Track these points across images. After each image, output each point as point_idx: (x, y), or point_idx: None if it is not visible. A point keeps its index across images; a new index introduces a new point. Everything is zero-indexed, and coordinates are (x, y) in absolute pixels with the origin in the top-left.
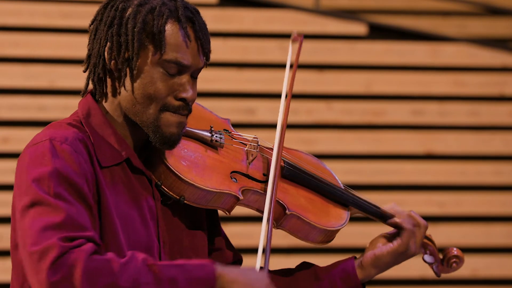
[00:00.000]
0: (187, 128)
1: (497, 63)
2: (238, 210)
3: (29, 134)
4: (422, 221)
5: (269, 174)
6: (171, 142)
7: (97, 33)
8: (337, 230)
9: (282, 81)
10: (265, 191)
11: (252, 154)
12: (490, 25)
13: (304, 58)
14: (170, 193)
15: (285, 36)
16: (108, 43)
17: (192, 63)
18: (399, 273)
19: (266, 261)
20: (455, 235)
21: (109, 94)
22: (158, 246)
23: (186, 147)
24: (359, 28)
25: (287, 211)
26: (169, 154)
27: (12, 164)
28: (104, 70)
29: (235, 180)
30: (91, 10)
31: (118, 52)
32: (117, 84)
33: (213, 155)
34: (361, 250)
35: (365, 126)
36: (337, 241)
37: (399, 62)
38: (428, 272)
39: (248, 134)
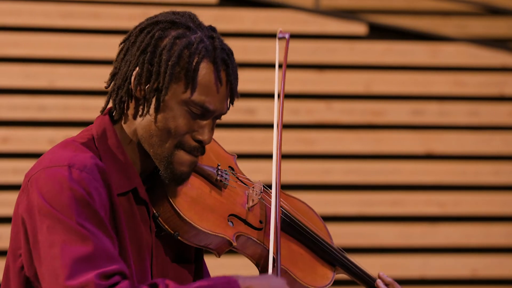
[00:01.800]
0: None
1: (497, 63)
2: None
3: (29, 134)
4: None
5: (265, 222)
6: (181, 180)
7: (127, 55)
8: None
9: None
10: (258, 239)
11: (253, 200)
12: (490, 25)
13: (304, 58)
14: (166, 226)
15: None
16: (138, 68)
17: (218, 108)
18: (399, 273)
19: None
20: (454, 235)
21: (129, 117)
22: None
23: (190, 182)
24: (359, 28)
25: (276, 264)
26: (173, 188)
27: (12, 164)
28: (127, 94)
29: (231, 223)
30: (91, 10)
31: (147, 80)
32: (139, 110)
33: (214, 195)
34: (356, 250)
35: (365, 126)
36: (335, 242)
37: (399, 62)
38: (427, 272)
39: (251, 179)
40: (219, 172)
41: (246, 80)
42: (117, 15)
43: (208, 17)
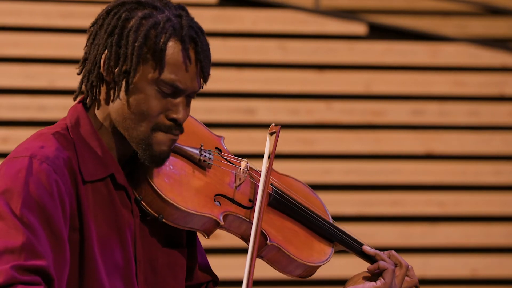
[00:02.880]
0: (176, 144)
1: (497, 63)
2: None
3: (29, 134)
4: (404, 261)
5: (255, 201)
6: (160, 160)
7: (95, 38)
8: (318, 266)
9: (282, 81)
10: (249, 218)
11: (240, 178)
12: (490, 25)
13: (303, 58)
14: (149, 210)
15: (285, 36)
16: (106, 51)
17: (189, 87)
18: None
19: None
20: (454, 235)
21: (101, 102)
22: (135, 266)
23: (172, 164)
24: (359, 28)
25: (268, 242)
26: (153, 170)
27: None
28: (98, 78)
29: (218, 203)
30: (91, 10)
31: (116, 63)
32: (110, 94)
33: (199, 175)
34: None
35: (365, 126)
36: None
37: (399, 62)
38: (427, 272)
39: (238, 157)
40: (202, 153)
41: (246, 80)
42: None
43: (207, 17)
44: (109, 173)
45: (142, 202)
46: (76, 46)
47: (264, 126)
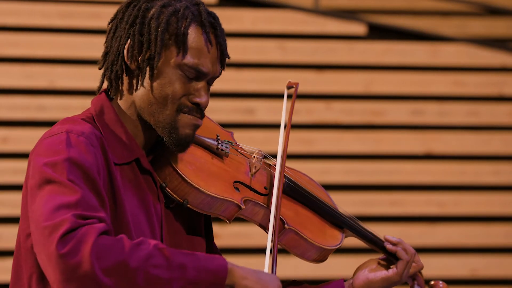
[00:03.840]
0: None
1: (497, 63)
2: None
3: (29, 134)
4: (410, 249)
5: (270, 188)
6: (185, 144)
7: (116, 31)
8: (332, 250)
9: (282, 81)
10: (265, 204)
11: (255, 167)
12: (489, 25)
13: (303, 58)
14: (174, 195)
15: (285, 36)
16: (129, 41)
17: (211, 70)
18: None
19: (274, 266)
20: (454, 235)
21: (125, 92)
22: None
23: (192, 153)
24: (358, 28)
25: (285, 226)
26: (176, 157)
27: (11, 164)
28: (121, 68)
29: (237, 189)
30: (90, 10)
31: (139, 50)
32: (134, 83)
33: (218, 163)
34: (355, 250)
35: (364, 126)
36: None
37: (399, 62)
38: (427, 272)
39: (251, 147)
40: (219, 142)
41: (246, 80)
42: None
43: None
44: (135, 157)
45: (167, 188)
46: (76, 46)
47: (263, 126)
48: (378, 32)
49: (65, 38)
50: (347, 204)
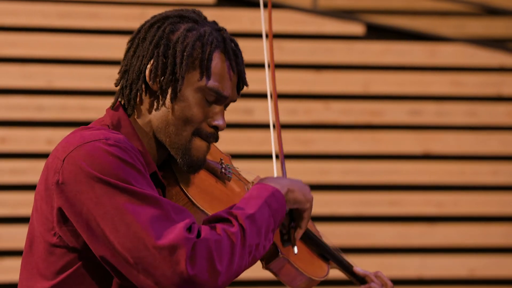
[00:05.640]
0: None
1: (495, 63)
2: None
3: (27, 134)
4: (389, 282)
5: None
6: (197, 167)
7: (137, 51)
8: (319, 281)
9: (280, 81)
10: None
11: None
12: (488, 25)
13: (301, 58)
14: None
15: (283, 36)
16: (153, 61)
17: (230, 95)
18: (397, 273)
19: (283, 170)
20: (452, 235)
21: (143, 111)
22: None
23: (198, 175)
24: (357, 28)
25: (280, 254)
26: (184, 177)
27: (10, 164)
28: (142, 87)
29: None
30: (89, 10)
31: (163, 72)
32: (154, 103)
33: (220, 186)
34: (354, 250)
35: (363, 126)
36: (333, 242)
37: (397, 62)
38: (425, 272)
39: (250, 173)
40: (223, 166)
41: None
42: (115, 15)
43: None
44: (152, 170)
45: None
46: (74, 46)
47: (261, 126)
48: (376, 32)
49: (63, 38)
50: (345, 204)
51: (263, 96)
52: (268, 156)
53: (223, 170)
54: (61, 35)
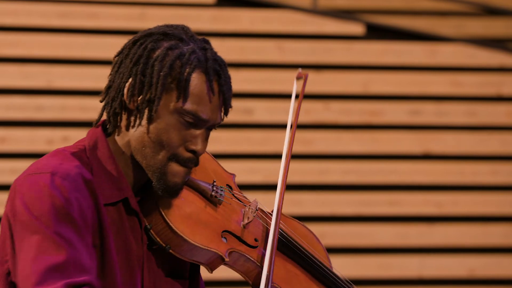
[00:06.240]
0: (190, 177)
1: (495, 63)
2: None
3: (26, 134)
4: None
5: (261, 241)
6: (173, 192)
7: (120, 67)
8: None
9: (280, 81)
10: (252, 257)
11: (248, 217)
12: (487, 25)
13: (301, 58)
14: (158, 239)
15: (283, 36)
16: (131, 79)
17: (211, 118)
18: (396, 273)
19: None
20: (452, 235)
21: (122, 129)
22: None
23: (184, 196)
24: (357, 28)
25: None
26: (166, 201)
27: (9, 164)
28: (121, 106)
29: (225, 239)
30: (88, 10)
31: (140, 91)
32: (131, 122)
33: (209, 210)
34: (353, 250)
35: (362, 126)
36: (333, 242)
37: (397, 62)
38: (425, 272)
39: (248, 196)
40: (214, 188)
41: (244, 80)
42: (115, 15)
43: (205, 17)
44: (123, 197)
45: (152, 230)
46: (74, 46)
47: (261, 126)
48: (376, 32)
49: (63, 38)
50: (344, 204)
51: (263, 96)
52: (268, 156)
53: (213, 193)
54: (61, 35)
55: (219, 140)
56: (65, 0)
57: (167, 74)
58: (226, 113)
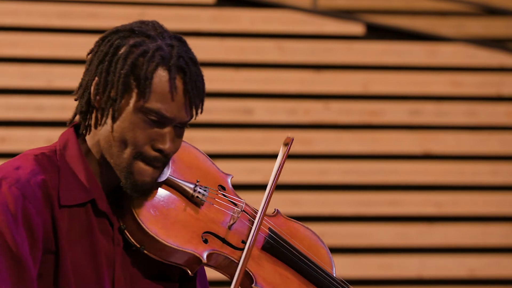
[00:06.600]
0: (171, 177)
1: (495, 63)
2: None
3: (26, 134)
4: None
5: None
6: (142, 191)
7: (90, 65)
8: None
9: (280, 81)
10: (238, 259)
11: (233, 219)
12: (487, 25)
13: (301, 58)
14: (132, 240)
15: (283, 36)
16: (96, 78)
17: (176, 116)
18: (396, 273)
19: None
20: (452, 235)
21: (92, 129)
22: None
23: (163, 196)
24: (356, 28)
25: (253, 285)
26: (140, 200)
27: None
28: (88, 104)
29: (205, 240)
30: (89, 10)
31: (104, 89)
32: (99, 121)
33: (189, 211)
34: (353, 250)
35: (362, 126)
36: (333, 242)
37: (397, 62)
38: (425, 272)
39: (245, 198)
40: (196, 188)
41: (244, 80)
42: (115, 15)
43: (205, 17)
44: (90, 198)
45: (126, 231)
46: (74, 46)
47: (261, 126)
48: (376, 32)
49: (63, 38)
50: (344, 204)
51: (263, 96)
52: (268, 156)
53: (195, 194)
54: (61, 35)
55: (219, 140)
56: (65, 0)
57: (129, 72)
58: (197, 111)
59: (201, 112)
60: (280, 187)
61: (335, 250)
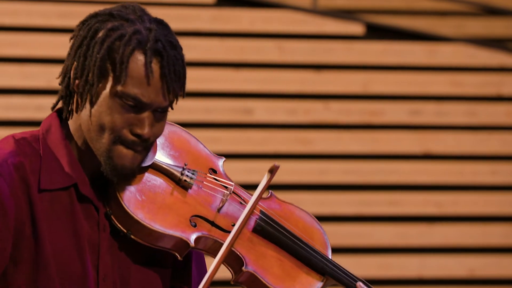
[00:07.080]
0: (157, 160)
1: (495, 63)
2: None
3: None
4: None
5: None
6: (122, 175)
7: (71, 49)
8: None
9: (280, 81)
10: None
11: (223, 201)
12: (487, 25)
13: (301, 58)
14: (118, 225)
15: (282, 36)
16: (75, 62)
17: (153, 100)
18: (396, 273)
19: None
20: (452, 235)
21: (74, 113)
22: (95, 278)
23: (150, 180)
24: (357, 28)
25: (243, 268)
26: (125, 185)
27: None
28: (67, 89)
29: (193, 224)
30: (89, 10)
31: (81, 74)
32: (79, 105)
33: (177, 194)
34: (353, 250)
35: (362, 126)
36: (333, 242)
37: (397, 62)
38: (425, 272)
39: (230, 181)
40: (184, 172)
41: (243, 80)
42: None
43: (205, 17)
44: (72, 183)
45: (112, 216)
46: None
47: (261, 126)
48: (376, 32)
49: (63, 38)
50: (344, 204)
51: (263, 96)
52: (268, 156)
53: (182, 177)
54: (61, 35)
55: (219, 140)
56: (65, 0)
57: (105, 56)
58: (176, 96)
59: (183, 97)
60: (280, 187)
61: (335, 250)
